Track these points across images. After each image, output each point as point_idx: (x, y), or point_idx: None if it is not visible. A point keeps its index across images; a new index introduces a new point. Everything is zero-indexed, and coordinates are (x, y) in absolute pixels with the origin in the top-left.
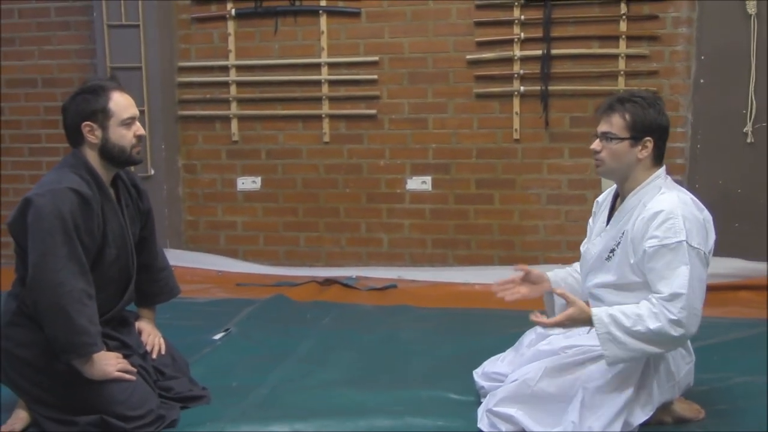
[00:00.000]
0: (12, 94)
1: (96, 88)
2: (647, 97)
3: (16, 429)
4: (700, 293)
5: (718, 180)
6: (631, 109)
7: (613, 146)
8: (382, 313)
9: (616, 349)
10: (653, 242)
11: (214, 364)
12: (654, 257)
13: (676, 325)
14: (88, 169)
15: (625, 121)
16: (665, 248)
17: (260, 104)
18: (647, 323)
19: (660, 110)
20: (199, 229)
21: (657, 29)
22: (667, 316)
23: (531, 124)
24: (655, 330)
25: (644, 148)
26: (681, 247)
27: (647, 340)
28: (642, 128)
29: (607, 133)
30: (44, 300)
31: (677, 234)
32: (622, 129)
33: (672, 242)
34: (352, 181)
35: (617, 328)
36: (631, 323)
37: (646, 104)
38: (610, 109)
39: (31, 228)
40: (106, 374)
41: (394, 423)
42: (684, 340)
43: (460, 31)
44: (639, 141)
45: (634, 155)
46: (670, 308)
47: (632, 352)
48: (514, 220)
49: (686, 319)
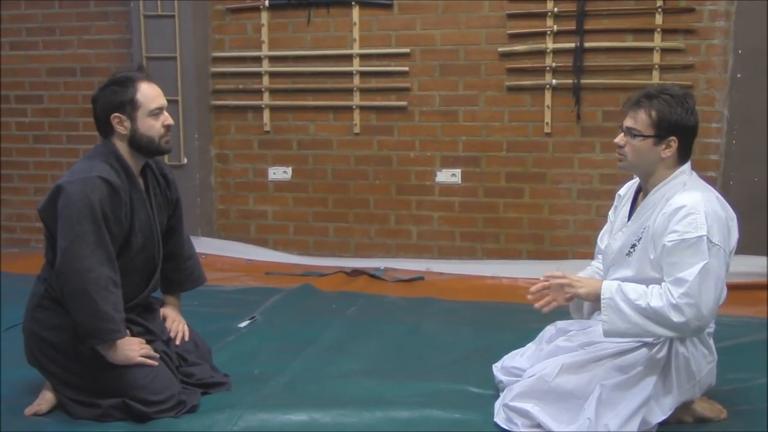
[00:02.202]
0: (52, 82)
1: (123, 80)
2: (677, 94)
3: (42, 410)
4: (713, 290)
5: (754, 177)
6: (657, 107)
7: (636, 143)
8: (408, 304)
9: (615, 318)
10: (673, 237)
11: (238, 352)
12: (673, 251)
13: (675, 310)
14: (118, 158)
15: (651, 119)
16: (684, 243)
17: (292, 95)
18: (650, 300)
19: (688, 109)
20: (230, 217)
21: (693, 22)
22: (668, 298)
23: (562, 117)
24: (655, 308)
25: (668, 148)
26: (701, 242)
27: (647, 317)
28: (667, 127)
29: (631, 129)
30: (71, 285)
31: (698, 229)
32: (646, 126)
33: (692, 237)
34: (381, 173)
35: (621, 298)
36: (635, 296)
37: (675, 102)
38: (636, 104)
39: (61, 215)
40: (129, 359)
41: (411, 414)
42: (684, 330)
43: (492, 23)
44: (663, 140)
45: (657, 154)
46: (672, 291)
47: (630, 324)
48: (543, 214)
49: (687, 307)
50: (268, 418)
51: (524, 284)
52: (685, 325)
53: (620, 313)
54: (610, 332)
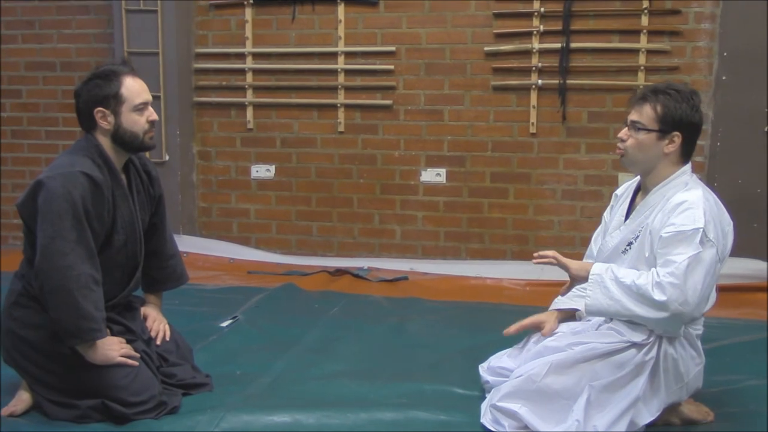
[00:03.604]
0: (31, 77)
1: (108, 73)
2: (683, 90)
3: (18, 411)
4: (701, 278)
5: (738, 179)
6: (663, 101)
7: (640, 137)
8: (392, 304)
9: (600, 294)
10: (670, 229)
11: (220, 352)
12: (668, 242)
13: (658, 288)
14: (100, 153)
15: (656, 113)
16: (681, 234)
17: (276, 92)
18: (634, 278)
19: (694, 106)
20: (212, 216)
21: (679, 24)
22: (653, 277)
23: (548, 118)
24: (639, 284)
25: (671, 143)
26: (696, 234)
27: (630, 294)
28: (672, 122)
29: (636, 123)
30: (51, 283)
31: (695, 222)
32: (651, 120)
33: (688, 229)
34: (366, 172)
35: (608, 276)
36: (621, 274)
37: (681, 98)
38: (642, 98)
39: (41, 210)
40: (109, 359)
41: (396, 416)
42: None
43: (479, 23)
44: (667, 135)
45: (660, 149)
46: (659, 271)
47: (612, 301)
48: (528, 214)
49: (670, 287)
50: (250, 420)
51: (509, 285)
52: (664, 305)
53: (604, 289)
54: (592, 307)
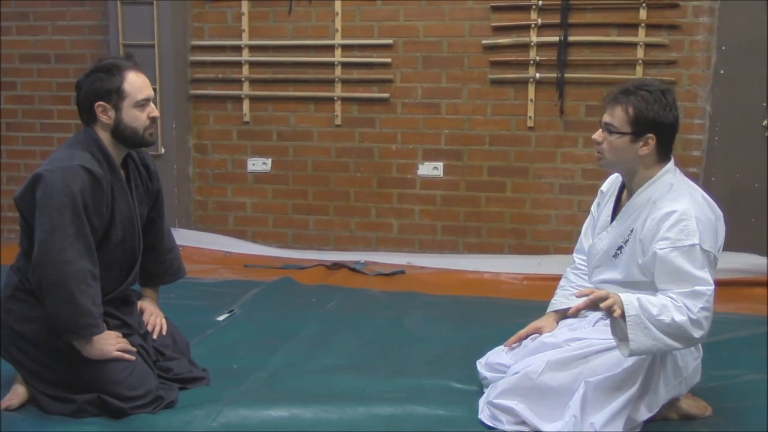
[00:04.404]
0: (25, 69)
1: (111, 67)
2: (655, 90)
3: (13, 405)
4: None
5: (735, 174)
6: (634, 103)
7: (613, 140)
8: (389, 298)
9: (642, 336)
10: (665, 244)
11: (216, 346)
12: (666, 260)
13: (695, 325)
14: (100, 147)
15: (627, 115)
16: (678, 250)
17: (272, 85)
18: (672, 314)
19: (666, 105)
20: (208, 209)
21: (677, 18)
22: (688, 313)
23: (546, 111)
24: (679, 323)
25: (645, 145)
26: (694, 250)
27: (669, 333)
28: (644, 124)
29: (608, 125)
30: (49, 278)
31: (690, 236)
32: (623, 123)
33: (685, 245)
34: (363, 165)
35: (645, 314)
36: (656, 311)
37: (652, 99)
38: (614, 100)
39: (40, 204)
40: (106, 354)
41: (394, 410)
42: (697, 343)
43: (477, 16)
44: (640, 137)
45: (635, 151)
46: (691, 306)
47: (655, 341)
48: (525, 208)
49: (705, 321)
50: (248, 414)
51: (506, 279)
52: (701, 338)
53: (645, 330)
54: (636, 351)
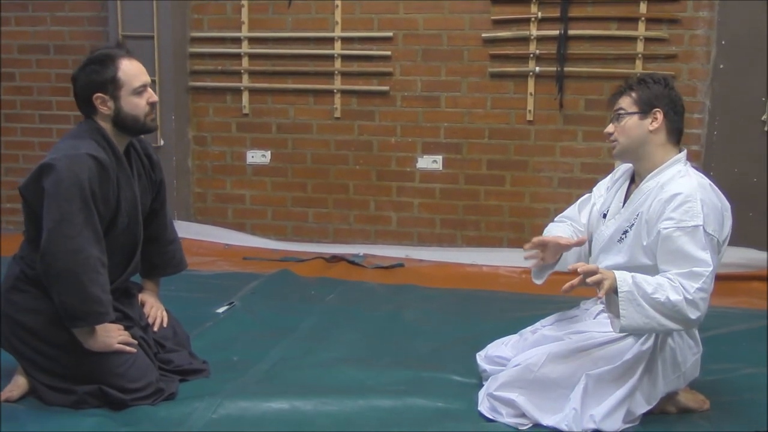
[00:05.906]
0: (24, 60)
1: (102, 58)
2: (655, 76)
3: (14, 396)
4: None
5: (734, 168)
6: (637, 88)
7: (623, 123)
8: (388, 291)
9: (635, 312)
10: (669, 224)
11: (216, 338)
12: (669, 239)
13: (692, 306)
14: (103, 136)
15: (633, 98)
16: (681, 230)
17: (272, 77)
18: (668, 293)
19: (668, 85)
20: (207, 201)
21: (677, 12)
22: (684, 293)
23: (545, 105)
24: (674, 302)
25: (654, 119)
26: (698, 231)
27: (663, 312)
28: (649, 100)
29: (617, 110)
30: (58, 266)
31: (694, 218)
32: (631, 105)
33: (689, 225)
34: (362, 158)
35: (638, 291)
36: (651, 290)
37: (653, 81)
38: (618, 93)
39: (48, 193)
40: (107, 346)
41: (393, 403)
42: (694, 324)
43: (476, 9)
44: (648, 113)
45: (645, 128)
46: (687, 286)
47: (648, 319)
48: (524, 202)
49: (702, 302)
50: (248, 406)
51: (504, 272)
52: (697, 320)
53: (639, 308)
54: (627, 327)
